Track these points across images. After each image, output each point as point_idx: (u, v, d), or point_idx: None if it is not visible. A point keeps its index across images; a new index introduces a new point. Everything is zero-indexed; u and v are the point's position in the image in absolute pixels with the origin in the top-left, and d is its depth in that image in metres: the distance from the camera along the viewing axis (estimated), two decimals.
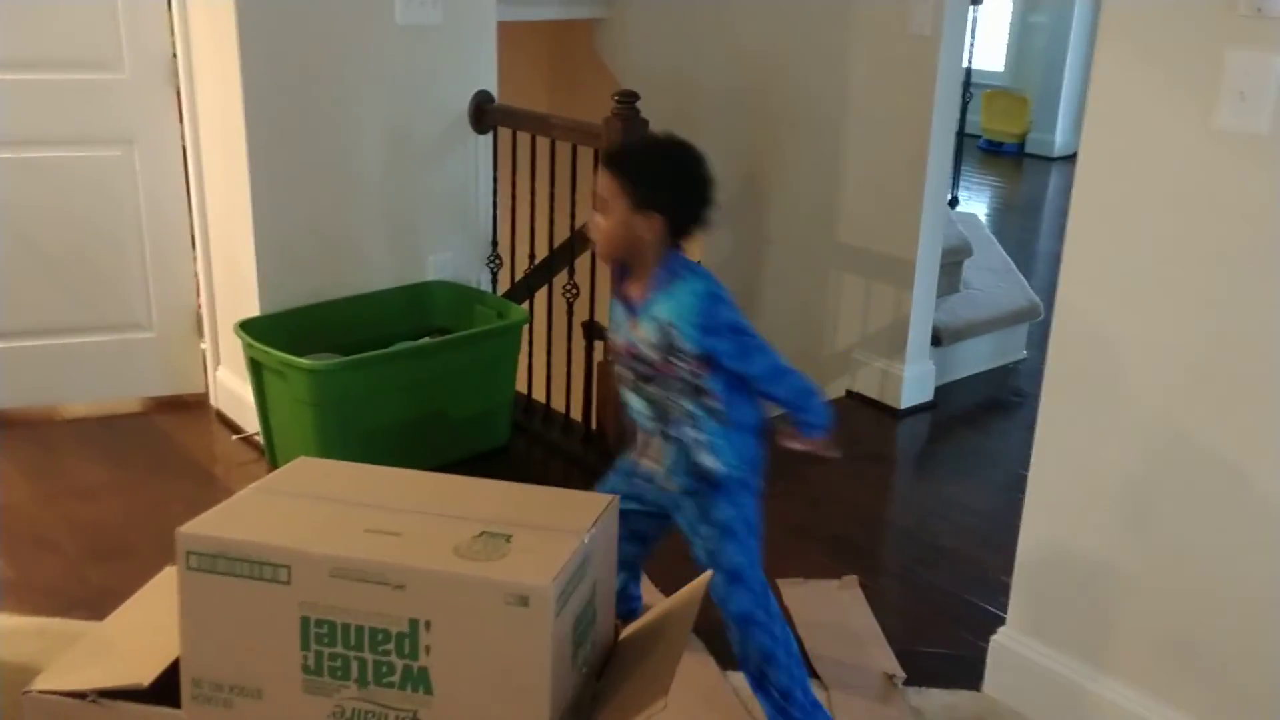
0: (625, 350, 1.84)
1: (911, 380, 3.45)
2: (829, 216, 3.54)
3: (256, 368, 2.75)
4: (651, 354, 1.79)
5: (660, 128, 3.04)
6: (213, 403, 3.27)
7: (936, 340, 3.53)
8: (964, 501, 2.98)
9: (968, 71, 5.11)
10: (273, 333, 2.75)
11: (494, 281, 3.34)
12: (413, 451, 2.74)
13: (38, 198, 3.01)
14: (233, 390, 3.14)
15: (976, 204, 6.71)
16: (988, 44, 7.88)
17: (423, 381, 2.83)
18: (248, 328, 2.76)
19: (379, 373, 2.73)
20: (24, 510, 2.68)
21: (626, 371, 1.86)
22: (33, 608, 2.28)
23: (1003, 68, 8.30)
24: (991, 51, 8.17)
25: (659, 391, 1.82)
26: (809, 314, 3.67)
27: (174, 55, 3.03)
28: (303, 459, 1.68)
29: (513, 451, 3.08)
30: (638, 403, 1.87)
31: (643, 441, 1.91)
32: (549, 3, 4.20)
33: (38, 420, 3.16)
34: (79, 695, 1.42)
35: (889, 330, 3.44)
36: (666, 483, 1.88)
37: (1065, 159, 7.71)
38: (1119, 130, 1.80)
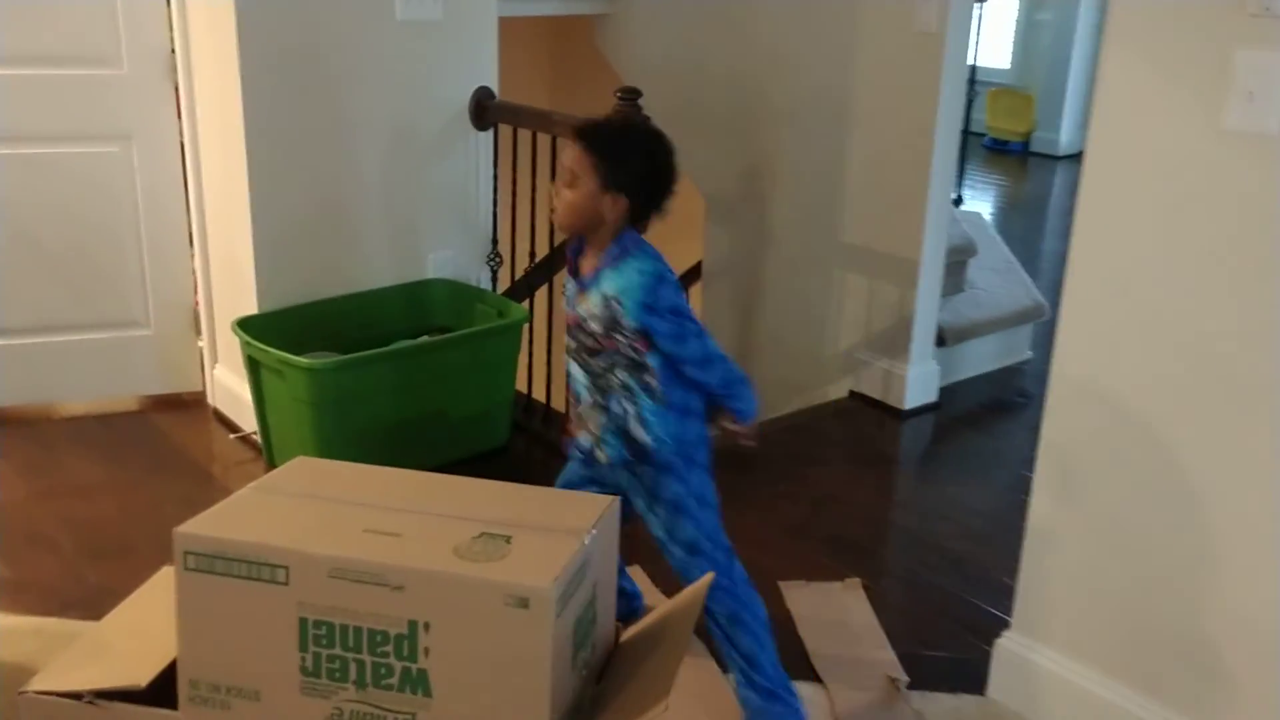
0: (573, 322, 1.90)
1: (915, 380, 3.43)
2: (833, 214, 3.52)
3: (254, 366, 2.74)
4: (596, 327, 1.84)
5: (662, 125, 3.03)
6: (210, 401, 3.26)
7: (941, 340, 3.52)
8: (968, 503, 2.96)
9: (972, 69, 5.10)
10: (271, 331, 2.73)
11: (494, 280, 3.33)
12: (412, 451, 2.72)
13: (35, 194, 3.00)
14: (230, 389, 3.12)
15: (981, 203, 6.70)
16: (993, 41, 7.88)
17: (422, 381, 2.81)
18: (245, 326, 2.75)
19: (378, 371, 2.71)
20: (21, 509, 2.66)
21: (572, 342, 1.92)
22: (29, 607, 2.27)
23: (1008, 65, 8.29)
24: (996, 49, 8.17)
25: (601, 364, 1.87)
26: (812, 313, 3.66)
27: (172, 51, 3.01)
28: (301, 458, 1.67)
29: (513, 451, 3.07)
30: (579, 373, 1.92)
31: (580, 413, 1.96)
32: None
33: (34, 418, 3.14)
34: (75, 696, 1.41)
35: (893, 330, 3.43)
36: (599, 453, 1.93)
37: (1070, 157, 7.70)
38: (1126, 130, 1.78)
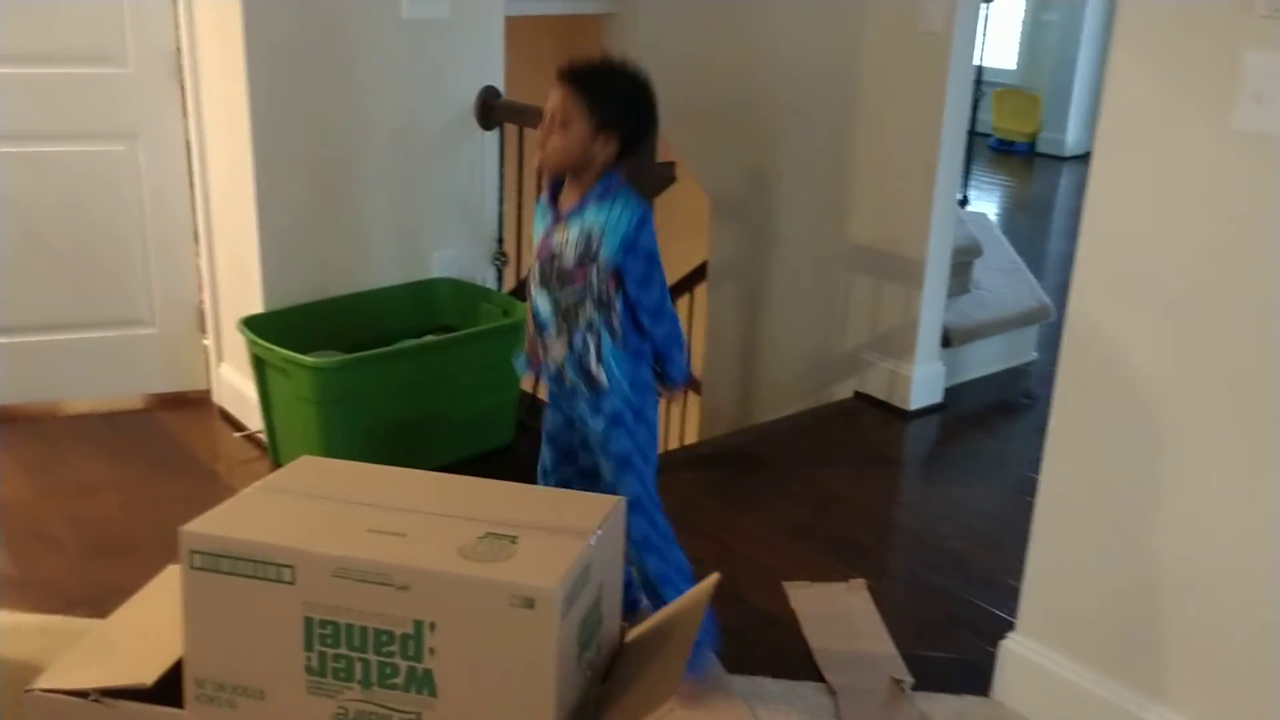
0: (545, 251, 1.93)
1: (920, 381, 3.42)
2: (838, 214, 3.51)
3: (259, 365, 2.74)
4: (570, 256, 1.89)
5: (668, 124, 3.02)
6: (215, 400, 3.26)
7: (946, 341, 3.51)
8: (973, 504, 2.96)
9: (978, 69, 5.08)
10: (276, 329, 2.73)
11: (499, 279, 3.33)
12: (416, 450, 2.72)
13: (41, 192, 3.00)
14: (235, 387, 3.13)
15: (986, 204, 6.69)
16: (999, 42, 7.86)
17: (427, 380, 2.81)
18: (251, 324, 2.75)
19: (383, 371, 2.71)
20: (26, 506, 2.67)
21: (541, 272, 1.95)
22: (34, 605, 2.27)
23: (1014, 66, 8.27)
24: (1002, 49, 8.15)
25: (570, 298, 1.92)
26: (817, 313, 3.65)
27: (178, 49, 3.02)
28: (306, 458, 1.67)
29: (517, 451, 3.06)
30: (546, 304, 1.95)
31: (545, 341, 2.00)
32: None
33: (40, 416, 3.15)
34: (81, 694, 1.41)
35: (898, 331, 3.42)
36: (565, 375, 1.98)
37: (1076, 158, 7.68)
38: (1134, 131, 1.78)
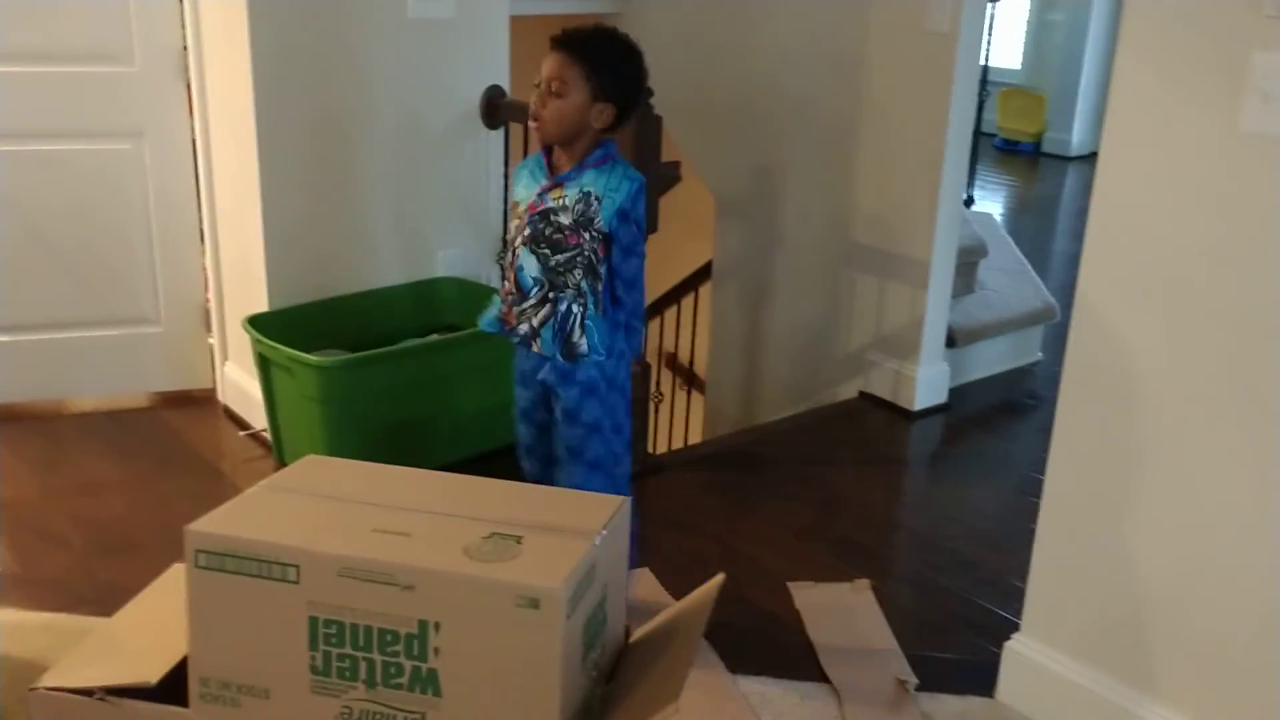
0: (535, 211, 1.93)
1: (925, 381, 3.42)
2: (843, 215, 3.51)
3: (264, 363, 2.74)
4: (565, 220, 1.91)
5: (673, 123, 3.02)
6: (220, 398, 3.26)
7: (951, 341, 3.50)
8: (977, 505, 2.95)
9: (984, 69, 5.08)
10: (281, 328, 2.74)
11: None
12: (421, 449, 2.72)
13: (47, 191, 3.00)
14: (240, 386, 3.13)
15: (991, 204, 6.68)
16: (1004, 41, 7.85)
17: (432, 379, 2.81)
18: (256, 323, 2.75)
19: (387, 369, 2.71)
20: (31, 504, 2.67)
21: (529, 231, 1.95)
22: (39, 602, 2.27)
23: (1019, 65, 8.26)
24: (1008, 49, 8.14)
25: (561, 261, 1.93)
26: (822, 313, 3.65)
27: (184, 48, 3.02)
28: (311, 457, 1.67)
29: None
30: (534, 265, 1.96)
31: (521, 307, 2.00)
32: None
33: (45, 414, 3.15)
34: (86, 693, 1.40)
35: (903, 331, 3.42)
36: (535, 344, 2.01)
37: (1082, 158, 7.67)
38: (1141, 131, 1.77)
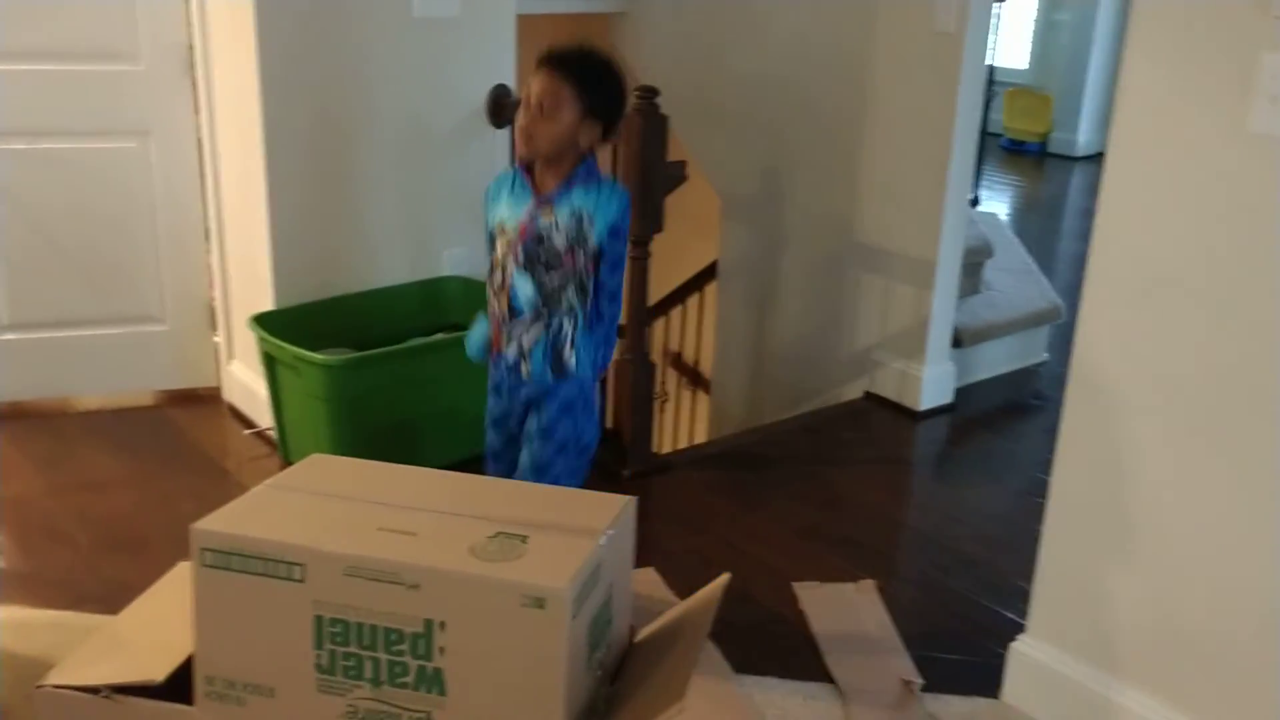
0: (527, 234, 1.94)
1: (931, 382, 3.41)
2: (849, 214, 3.50)
3: (270, 362, 2.74)
4: (559, 241, 1.92)
5: (679, 124, 3.02)
6: (225, 397, 3.26)
7: (957, 341, 3.50)
8: (982, 505, 2.95)
9: (990, 69, 5.06)
10: (286, 327, 2.74)
11: None
12: (427, 448, 2.72)
13: (52, 189, 3.01)
14: (246, 384, 3.13)
15: (997, 204, 6.67)
16: (1011, 41, 7.84)
17: (437, 378, 2.81)
18: (261, 322, 2.75)
19: (393, 369, 2.71)
20: (37, 502, 2.67)
21: (525, 254, 1.96)
22: (45, 600, 2.28)
23: (1026, 65, 8.25)
24: (1014, 49, 8.13)
25: (556, 281, 1.95)
26: (827, 313, 3.64)
27: (190, 46, 3.02)
28: (316, 455, 1.67)
29: None
30: (528, 286, 1.96)
31: (511, 330, 2.00)
32: None
33: (50, 412, 3.15)
34: (92, 690, 1.41)
35: (909, 331, 3.41)
36: (524, 367, 2.00)
37: (1088, 159, 7.66)
38: (1148, 132, 1.76)
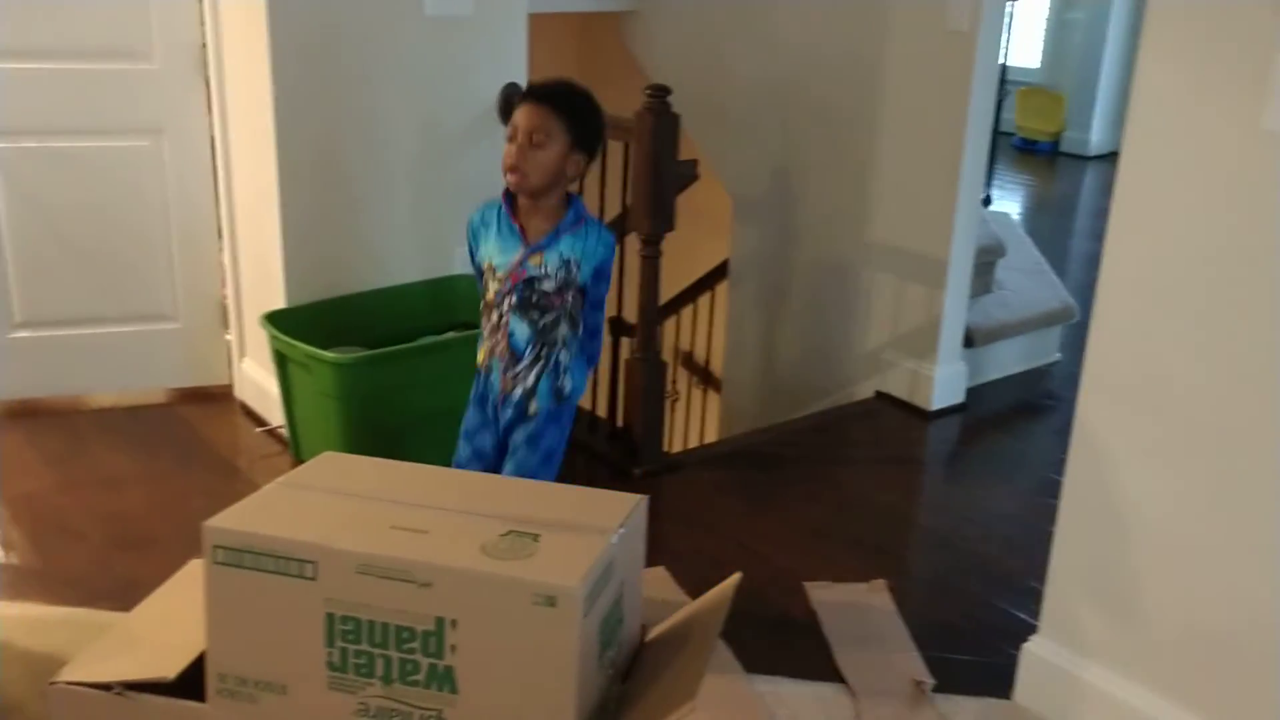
0: (517, 279, 2.00)
1: (942, 381, 3.40)
2: (861, 214, 3.50)
3: (281, 360, 2.75)
4: (550, 285, 2.00)
5: (690, 123, 3.02)
6: (237, 395, 3.27)
7: (968, 341, 3.49)
8: (994, 505, 2.94)
9: (1003, 68, 5.05)
10: (298, 325, 2.74)
11: None
12: (438, 447, 2.71)
13: (66, 188, 3.02)
14: (257, 382, 3.14)
15: (1010, 203, 6.65)
16: (1023, 40, 7.81)
17: (448, 376, 2.80)
18: (273, 320, 2.76)
19: (404, 367, 2.72)
20: (50, 499, 2.69)
21: (518, 298, 2.02)
22: (58, 597, 2.29)
23: (1038, 64, 8.22)
24: (1027, 48, 8.10)
25: (549, 320, 2.02)
26: (839, 313, 3.64)
27: (204, 45, 3.03)
28: (328, 454, 1.67)
29: None
30: (525, 328, 2.03)
31: (515, 372, 2.06)
32: None
33: (64, 410, 3.17)
34: (105, 687, 1.41)
35: (920, 330, 3.40)
36: (531, 405, 2.06)
37: (1100, 158, 7.63)
38: (1163, 130, 1.75)
